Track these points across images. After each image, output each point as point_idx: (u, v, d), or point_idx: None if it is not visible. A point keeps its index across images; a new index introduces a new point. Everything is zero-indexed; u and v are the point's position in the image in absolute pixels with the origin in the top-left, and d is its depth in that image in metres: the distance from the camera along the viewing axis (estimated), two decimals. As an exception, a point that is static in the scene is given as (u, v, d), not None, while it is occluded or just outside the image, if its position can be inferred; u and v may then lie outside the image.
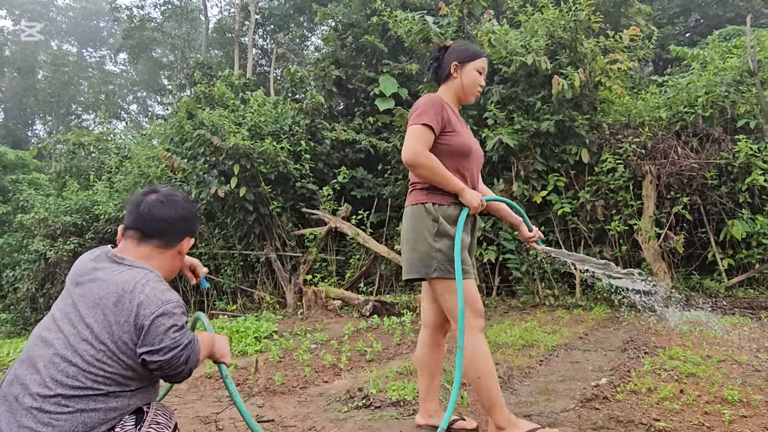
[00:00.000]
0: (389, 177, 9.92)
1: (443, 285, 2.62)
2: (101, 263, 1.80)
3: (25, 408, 1.56)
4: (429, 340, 2.92)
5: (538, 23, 7.52)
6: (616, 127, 7.64)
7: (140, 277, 1.73)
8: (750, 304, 5.97)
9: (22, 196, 12.59)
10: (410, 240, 2.67)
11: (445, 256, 2.59)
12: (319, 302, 7.72)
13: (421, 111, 2.61)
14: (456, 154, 2.67)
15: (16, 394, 1.60)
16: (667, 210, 7.00)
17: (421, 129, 2.57)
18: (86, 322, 1.66)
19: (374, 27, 11.65)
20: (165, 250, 1.91)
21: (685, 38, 16.23)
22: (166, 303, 1.67)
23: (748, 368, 3.79)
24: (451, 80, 2.80)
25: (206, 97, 11.72)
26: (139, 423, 1.68)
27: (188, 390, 4.17)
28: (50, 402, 1.56)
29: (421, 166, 2.56)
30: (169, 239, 1.91)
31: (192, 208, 1.99)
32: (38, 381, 1.59)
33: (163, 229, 1.89)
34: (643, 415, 2.94)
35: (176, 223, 1.92)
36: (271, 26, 23.38)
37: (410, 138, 2.57)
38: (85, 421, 1.57)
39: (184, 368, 1.67)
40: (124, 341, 1.64)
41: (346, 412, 3.36)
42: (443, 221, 2.60)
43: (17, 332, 11.13)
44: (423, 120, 2.58)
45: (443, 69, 2.83)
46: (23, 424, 1.54)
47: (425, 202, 2.64)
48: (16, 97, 36.73)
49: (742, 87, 7.27)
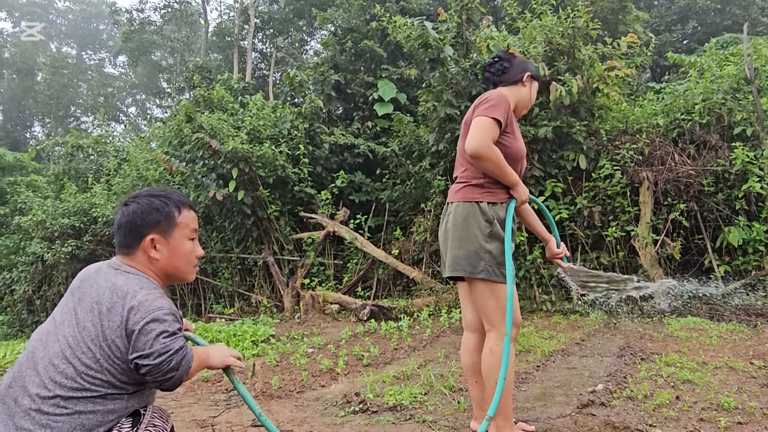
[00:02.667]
0: (387, 181, 9.93)
1: (486, 287, 2.62)
2: (102, 271, 1.83)
3: (24, 410, 1.57)
4: (480, 345, 2.84)
5: (537, 30, 7.55)
6: (614, 134, 7.67)
7: (134, 284, 1.74)
8: (746, 311, 5.98)
9: (20, 198, 12.56)
10: (459, 237, 2.65)
11: (495, 258, 2.60)
12: (316, 306, 7.72)
13: (493, 105, 2.60)
14: (510, 157, 2.67)
15: (15, 395, 1.61)
16: (663, 216, 7.03)
17: (491, 123, 2.56)
18: (83, 325, 1.68)
19: (373, 32, 11.69)
20: (134, 253, 1.86)
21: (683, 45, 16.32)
22: (157, 309, 1.67)
23: (744, 375, 3.80)
24: (518, 87, 2.84)
25: (205, 100, 11.73)
26: (136, 425, 1.70)
27: (185, 393, 4.17)
28: (49, 403, 1.58)
29: (487, 159, 2.55)
30: (128, 245, 1.86)
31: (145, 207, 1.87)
32: (37, 382, 1.61)
33: (125, 235, 1.86)
34: (639, 421, 2.96)
35: (129, 228, 1.86)
36: (270, 30, 23.43)
37: (479, 130, 2.55)
38: (83, 423, 1.59)
39: (174, 374, 1.64)
40: (117, 345, 1.65)
41: (343, 416, 3.36)
42: (497, 224, 2.62)
43: (14, 334, 11.11)
44: (494, 114, 2.57)
45: (513, 73, 2.85)
46: (21, 426, 1.55)
47: (480, 200, 2.64)
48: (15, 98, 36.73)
49: (738, 94, 7.31)
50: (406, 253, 8.63)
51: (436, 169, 8.43)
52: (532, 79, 2.89)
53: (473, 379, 2.86)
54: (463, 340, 2.93)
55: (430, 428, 3.05)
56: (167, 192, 1.96)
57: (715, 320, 5.77)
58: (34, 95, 35.55)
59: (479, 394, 2.84)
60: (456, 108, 7.82)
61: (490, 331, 2.67)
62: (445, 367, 4.34)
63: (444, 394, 3.61)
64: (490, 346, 2.65)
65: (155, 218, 1.86)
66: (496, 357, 2.60)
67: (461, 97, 7.94)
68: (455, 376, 4.02)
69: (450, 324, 6.27)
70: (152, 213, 1.86)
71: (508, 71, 2.87)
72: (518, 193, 2.68)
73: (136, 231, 1.85)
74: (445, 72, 7.90)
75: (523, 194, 2.69)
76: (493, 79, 2.90)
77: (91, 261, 9.68)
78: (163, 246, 1.87)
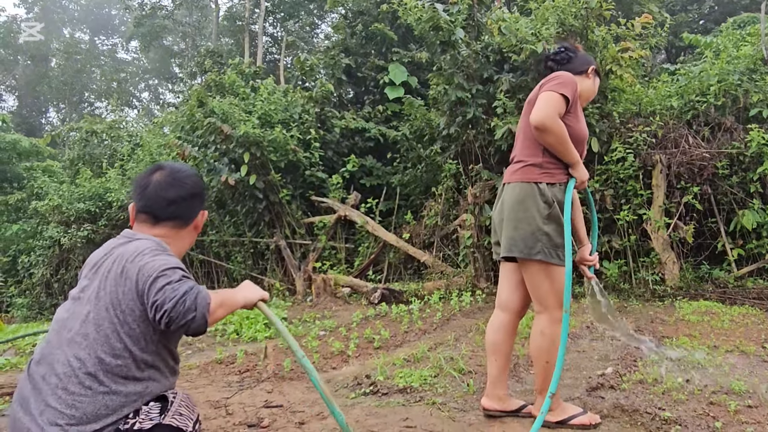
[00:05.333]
0: (398, 166, 9.91)
1: (542, 269, 2.63)
2: (114, 245, 1.87)
3: (51, 388, 1.61)
4: (509, 326, 2.89)
5: (549, 11, 7.44)
6: (627, 116, 7.58)
7: (143, 247, 1.78)
8: (759, 295, 5.94)
9: (37, 183, 12.71)
10: (516, 218, 2.65)
11: (552, 240, 2.60)
12: (328, 290, 7.78)
13: (562, 82, 2.64)
14: (573, 138, 2.65)
15: (43, 373, 1.65)
16: (677, 200, 6.96)
17: (559, 98, 2.59)
18: (99, 296, 1.71)
19: (384, 15, 11.59)
20: (181, 228, 1.94)
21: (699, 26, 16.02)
22: (162, 266, 1.69)
23: (755, 359, 3.79)
24: (583, 78, 2.89)
25: (216, 85, 11.73)
26: (164, 412, 1.72)
27: (199, 375, 4.25)
28: (74, 382, 1.61)
29: (551, 132, 2.55)
30: (184, 219, 1.94)
31: (199, 182, 2.01)
32: (62, 361, 1.65)
33: (175, 210, 1.91)
34: (648, 404, 2.97)
35: (187, 202, 1.93)
36: (281, 14, 23.32)
37: (546, 103, 2.57)
38: (107, 404, 1.62)
39: (194, 314, 1.62)
40: (131, 309, 1.68)
41: (354, 398, 3.41)
42: (556, 206, 2.62)
43: (33, 316, 11.33)
44: (562, 90, 2.60)
45: (578, 64, 2.91)
46: (49, 404, 1.60)
47: (539, 181, 2.63)
48: (30, 85, 36.95)
49: (755, 76, 7.17)
50: (417, 237, 8.64)
51: (447, 152, 8.40)
52: (595, 74, 2.96)
53: (493, 357, 2.88)
54: (493, 317, 2.96)
55: (439, 410, 3.09)
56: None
57: (727, 304, 5.74)
58: (48, 81, 35.72)
59: (495, 372, 2.87)
60: (467, 91, 7.76)
61: (541, 313, 2.70)
62: (455, 350, 4.37)
63: (453, 377, 3.65)
64: (540, 328, 2.69)
65: (203, 193, 2.04)
66: (546, 338, 2.64)
67: (472, 80, 7.89)
68: (465, 359, 4.05)
69: (461, 308, 6.30)
70: (201, 189, 2.01)
71: (572, 61, 2.92)
72: (579, 173, 2.68)
73: (194, 204, 1.96)
74: (456, 55, 7.84)
75: (584, 174, 2.69)
76: (556, 68, 2.91)
77: (106, 245, 9.70)
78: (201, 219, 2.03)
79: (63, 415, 1.58)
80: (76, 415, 1.58)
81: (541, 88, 2.68)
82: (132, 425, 1.64)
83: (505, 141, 7.28)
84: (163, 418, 1.70)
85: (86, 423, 1.58)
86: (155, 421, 1.68)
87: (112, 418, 1.62)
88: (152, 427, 1.66)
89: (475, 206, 7.59)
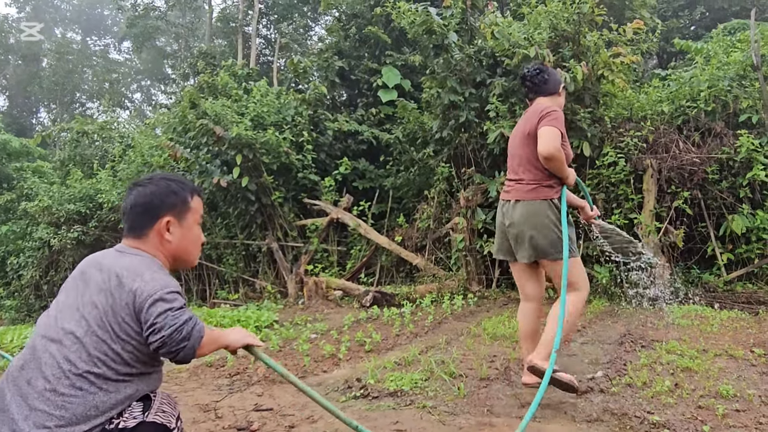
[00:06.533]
0: (391, 168, 9.92)
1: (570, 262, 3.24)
2: (108, 255, 1.88)
3: (38, 391, 1.60)
4: (538, 312, 3.57)
5: (542, 15, 7.49)
6: (618, 121, 7.63)
7: (138, 263, 1.79)
8: (748, 299, 5.99)
9: (27, 184, 12.62)
10: (543, 228, 3.25)
11: (571, 239, 3.28)
12: (319, 292, 7.77)
13: (557, 118, 3.24)
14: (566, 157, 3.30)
15: (28, 377, 1.64)
16: (667, 204, 7.01)
17: (558, 133, 3.20)
18: (93, 308, 1.71)
19: (378, 18, 11.62)
20: (147, 235, 1.89)
21: (690, 32, 16.14)
22: (162, 288, 1.70)
23: (743, 363, 3.82)
24: (556, 97, 3.50)
25: (209, 86, 11.70)
26: (147, 410, 1.73)
27: (188, 378, 4.23)
28: (64, 384, 1.61)
29: (557, 160, 3.18)
30: (142, 226, 1.89)
31: (160, 189, 1.92)
32: (51, 364, 1.64)
33: (139, 216, 1.89)
34: (637, 408, 2.98)
35: (150, 204, 1.89)
36: (274, 16, 23.28)
37: (551, 138, 3.16)
38: (96, 405, 1.62)
39: (186, 344, 1.67)
40: (126, 322, 1.69)
41: (344, 401, 3.40)
42: (561, 214, 3.26)
43: (21, 319, 11.23)
44: (560, 127, 3.23)
45: (552, 85, 3.49)
46: (35, 407, 1.58)
47: (552, 198, 3.28)
48: (21, 84, 36.69)
49: (745, 82, 7.25)
50: (409, 240, 8.65)
51: (440, 156, 8.42)
52: (564, 89, 3.56)
53: (530, 340, 3.46)
54: (524, 309, 3.57)
55: (430, 414, 3.08)
56: (181, 177, 2.03)
57: (716, 308, 5.78)
58: (39, 81, 35.48)
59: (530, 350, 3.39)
60: (460, 95, 7.78)
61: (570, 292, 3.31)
62: (447, 354, 4.38)
63: (444, 380, 3.65)
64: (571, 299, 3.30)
65: (172, 201, 1.92)
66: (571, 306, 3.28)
67: (465, 84, 7.91)
68: (456, 362, 4.05)
69: (452, 311, 6.30)
70: (170, 195, 1.92)
71: (548, 83, 3.47)
72: (569, 181, 3.33)
73: (153, 212, 1.89)
74: (449, 58, 7.86)
75: (573, 179, 3.34)
76: (535, 88, 3.49)
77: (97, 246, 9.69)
78: (177, 229, 1.92)
79: (52, 416, 1.57)
80: (65, 416, 1.58)
81: (539, 122, 3.23)
82: (117, 425, 1.65)
83: (498, 145, 7.30)
84: (147, 416, 1.71)
85: (75, 424, 1.58)
86: (139, 419, 1.69)
87: (100, 419, 1.62)
88: (136, 425, 1.68)
89: (467, 209, 7.61)
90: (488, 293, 7.43)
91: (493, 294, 7.38)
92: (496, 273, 7.78)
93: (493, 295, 7.31)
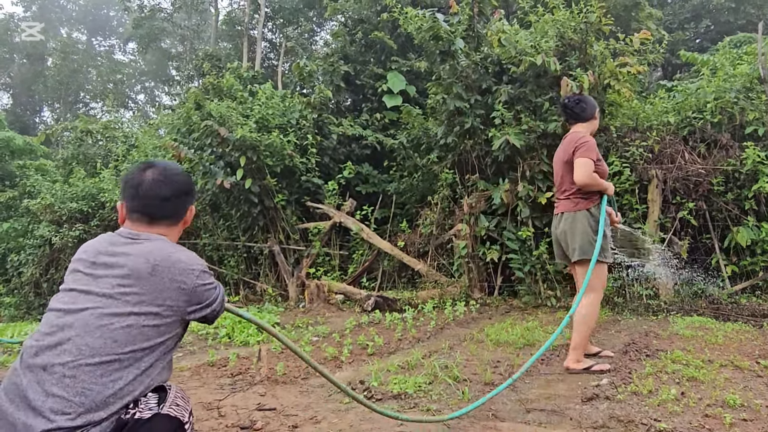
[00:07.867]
0: (395, 174, 9.91)
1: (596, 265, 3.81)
2: (117, 243, 1.87)
3: (57, 377, 1.60)
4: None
5: (549, 24, 7.50)
6: (624, 131, 7.62)
7: (166, 246, 1.88)
8: (753, 312, 5.95)
9: (29, 182, 12.60)
10: (584, 234, 3.89)
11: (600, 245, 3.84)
12: (321, 296, 7.74)
13: (589, 148, 3.86)
14: (602, 175, 3.97)
15: (44, 363, 1.63)
16: (672, 215, 6.99)
17: (591, 162, 3.83)
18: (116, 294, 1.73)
19: (384, 23, 11.65)
20: (175, 225, 2.03)
21: (696, 44, 16.20)
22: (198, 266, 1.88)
23: (749, 374, 3.79)
24: (592, 121, 4.15)
25: (214, 88, 11.71)
26: (162, 402, 1.74)
27: (191, 377, 4.20)
28: (83, 370, 1.61)
29: (592, 185, 3.87)
30: (177, 215, 2.03)
31: (188, 178, 2.10)
32: (70, 350, 1.64)
33: (169, 209, 1.98)
34: (643, 415, 2.96)
35: (180, 199, 2.02)
36: (280, 20, 23.35)
37: (585, 168, 3.82)
38: (115, 392, 1.63)
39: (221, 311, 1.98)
40: (168, 305, 1.77)
41: (347, 403, 3.38)
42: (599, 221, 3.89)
43: (20, 316, 11.19)
44: (592, 156, 3.85)
45: (590, 112, 4.11)
46: (52, 393, 1.57)
47: (589, 207, 3.92)
48: (25, 83, 36.79)
49: (751, 94, 7.24)
50: (411, 245, 8.63)
51: (444, 162, 8.41)
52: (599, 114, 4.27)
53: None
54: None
55: (434, 417, 3.05)
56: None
57: (720, 320, 5.75)
58: (43, 80, 35.57)
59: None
60: (465, 101, 7.78)
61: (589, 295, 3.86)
62: (450, 358, 4.35)
63: (448, 384, 3.63)
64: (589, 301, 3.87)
65: (194, 190, 2.15)
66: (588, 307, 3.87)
67: (471, 91, 7.91)
68: (460, 367, 4.03)
69: (455, 317, 6.27)
70: (192, 185, 2.11)
71: (585, 111, 4.08)
72: (609, 192, 3.96)
73: (187, 200, 2.06)
74: (456, 65, 7.87)
75: (611, 190, 3.98)
76: (574, 116, 4.11)
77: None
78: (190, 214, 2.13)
79: (71, 403, 1.57)
80: (85, 402, 1.58)
81: (574, 153, 3.88)
82: (132, 415, 1.65)
83: (502, 152, 7.29)
84: (162, 408, 1.72)
85: (95, 411, 1.58)
86: (154, 410, 1.70)
87: (117, 405, 1.63)
88: (152, 416, 1.68)
89: (470, 216, 7.59)
90: (490, 300, 7.40)
91: (495, 301, 7.36)
92: (498, 280, 7.75)
93: (495, 303, 7.29)
